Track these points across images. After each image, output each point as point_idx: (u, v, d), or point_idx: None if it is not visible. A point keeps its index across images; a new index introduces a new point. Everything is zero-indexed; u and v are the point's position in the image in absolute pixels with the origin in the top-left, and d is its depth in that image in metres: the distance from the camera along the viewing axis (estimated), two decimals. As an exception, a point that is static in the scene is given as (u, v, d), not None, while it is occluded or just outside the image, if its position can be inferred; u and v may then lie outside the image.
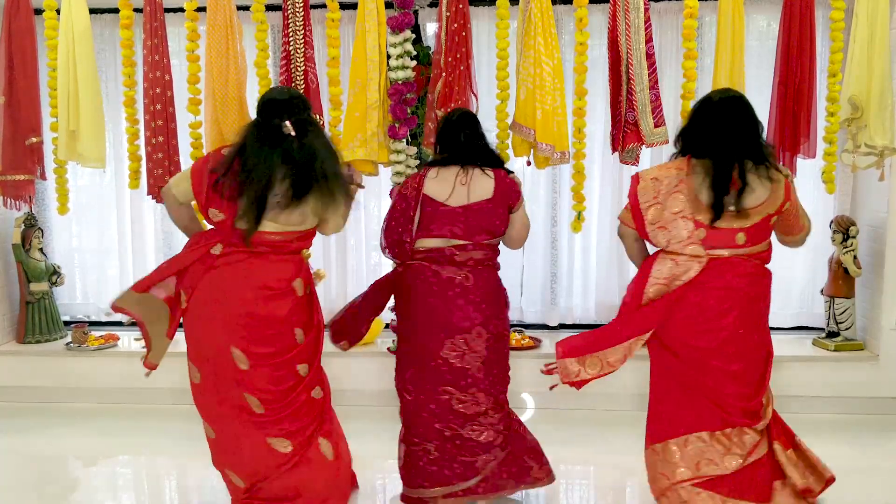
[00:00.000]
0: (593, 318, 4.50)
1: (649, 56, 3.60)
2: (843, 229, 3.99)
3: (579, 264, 4.50)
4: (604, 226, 4.38)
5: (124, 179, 4.27)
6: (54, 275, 4.46)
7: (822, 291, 4.13)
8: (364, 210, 4.45)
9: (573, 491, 3.42)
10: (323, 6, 3.81)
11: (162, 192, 2.76)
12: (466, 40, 3.65)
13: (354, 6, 3.78)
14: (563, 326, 4.52)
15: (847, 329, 4.02)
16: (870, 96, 3.51)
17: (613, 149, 3.77)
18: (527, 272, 4.45)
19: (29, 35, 3.86)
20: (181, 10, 3.87)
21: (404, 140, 3.73)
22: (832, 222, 4.06)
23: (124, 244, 4.60)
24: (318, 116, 3.68)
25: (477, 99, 3.72)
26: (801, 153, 3.67)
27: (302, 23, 3.68)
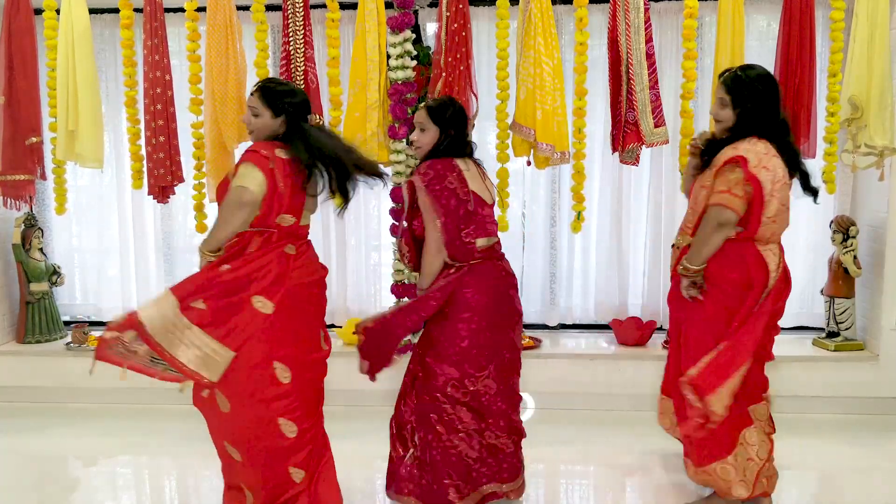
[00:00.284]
0: (593, 318, 4.50)
1: (649, 56, 3.61)
2: (843, 229, 3.99)
3: (579, 264, 4.50)
4: (603, 226, 4.38)
5: (125, 179, 4.28)
6: (54, 275, 4.46)
7: (822, 291, 4.13)
8: (364, 210, 4.45)
9: (573, 491, 3.42)
10: (323, 6, 3.81)
11: (233, 189, 2.50)
12: (466, 40, 3.65)
13: (354, 6, 3.78)
14: (563, 326, 4.52)
15: (847, 329, 4.02)
16: (870, 96, 3.52)
17: (613, 149, 3.78)
18: (526, 272, 4.45)
19: (29, 35, 3.86)
20: (181, 10, 3.87)
21: (404, 140, 3.74)
22: (832, 222, 4.06)
23: (125, 244, 4.60)
24: (318, 116, 3.69)
25: (477, 99, 3.73)
26: (802, 153, 3.66)
27: (302, 23, 3.69)
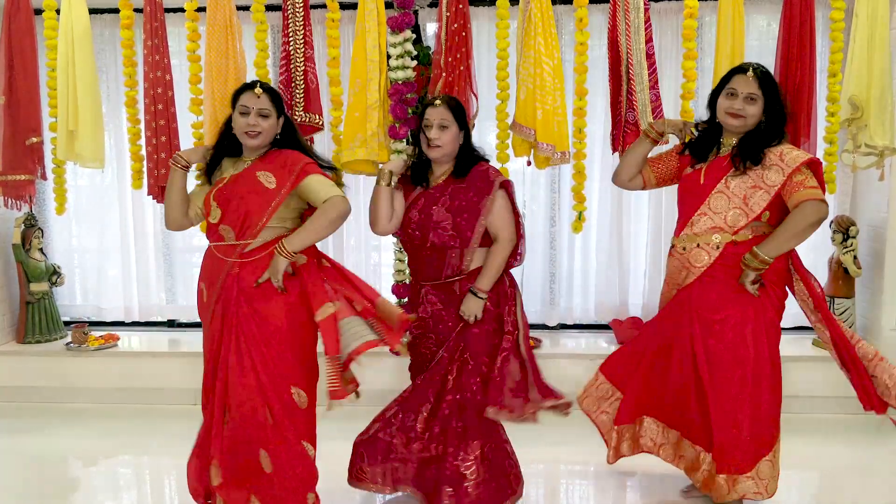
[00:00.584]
0: (593, 319, 4.51)
1: (649, 56, 3.60)
2: (843, 229, 3.99)
3: (579, 264, 4.50)
4: (604, 226, 4.38)
5: (125, 179, 4.28)
6: (54, 275, 4.46)
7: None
8: (364, 210, 4.44)
9: (573, 491, 3.42)
10: (323, 6, 3.81)
11: (344, 200, 2.68)
12: (466, 40, 3.65)
13: (354, 6, 3.78)
14: (563, 326, 4.52)
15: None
16: (870, 96, 3.51)
17: (613, 149, 3.77)
18: (526, 272, 4.44)
19: (29, 35, 3.85)
20: (181, 10, 3.87)
21: (404, 140, 3.73)
22: (832, 222, 4.06)
23: (125, 244, 4.60)
24: (318, 116, 3.69)
25: (477, 99, 3.72)
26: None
27: (302, 23, 3.68)
